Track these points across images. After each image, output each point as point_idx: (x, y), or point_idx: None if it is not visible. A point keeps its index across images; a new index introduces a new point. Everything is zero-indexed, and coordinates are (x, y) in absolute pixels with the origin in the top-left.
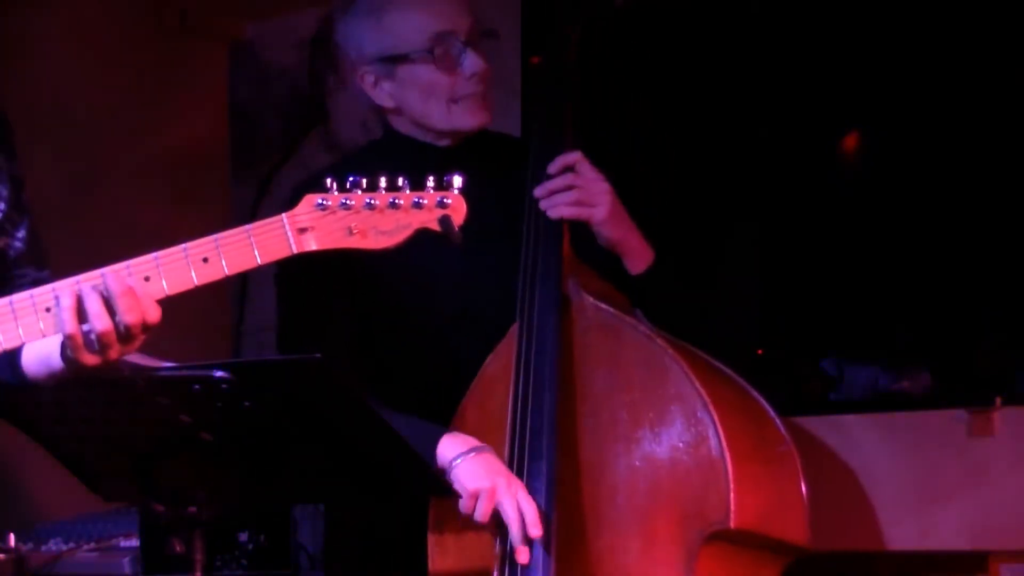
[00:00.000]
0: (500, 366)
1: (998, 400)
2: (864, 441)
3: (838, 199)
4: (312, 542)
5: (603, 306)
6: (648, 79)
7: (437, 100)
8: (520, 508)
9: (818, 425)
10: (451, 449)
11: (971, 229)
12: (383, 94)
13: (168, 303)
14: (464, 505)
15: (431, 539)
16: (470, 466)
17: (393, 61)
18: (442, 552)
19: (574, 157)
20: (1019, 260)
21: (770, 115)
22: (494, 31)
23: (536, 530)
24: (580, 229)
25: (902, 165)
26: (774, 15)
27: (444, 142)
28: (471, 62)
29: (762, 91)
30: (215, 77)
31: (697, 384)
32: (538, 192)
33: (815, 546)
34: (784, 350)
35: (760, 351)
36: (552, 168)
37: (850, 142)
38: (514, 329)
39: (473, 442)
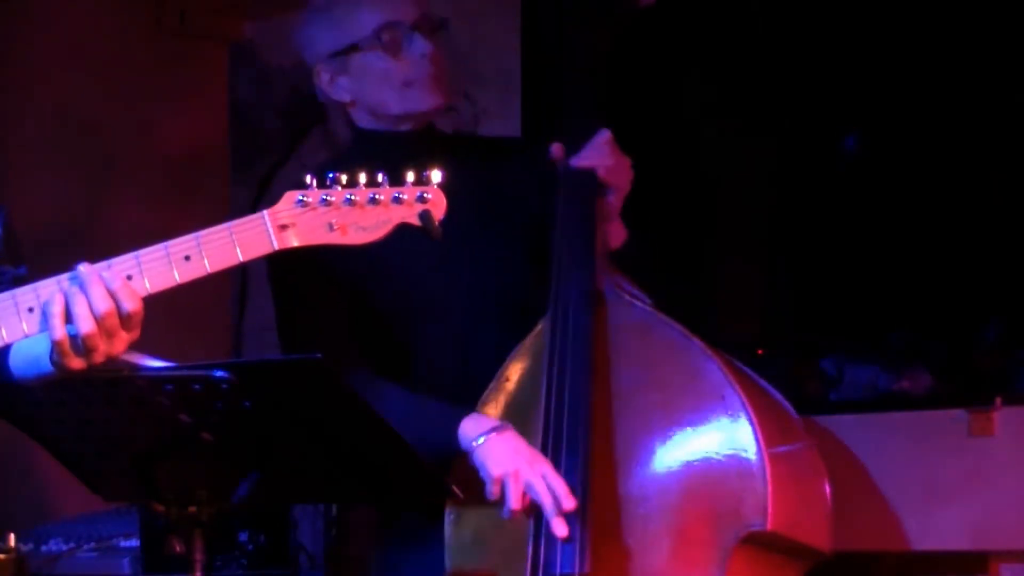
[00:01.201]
0: (527, 364)
1: (998, 400)
2: (864, 441)
3: (839, 199)
4: (312, 542)
5: (637, 303)
6: (656, 76)
7: (390, 86)
8: (549, 484)
9: (818, 425)
10: (472, 429)
11: (972, 229)
12: (340, 89)
13: (169, 303)
14: (490, 491)
15: (449, 539)
16: (492, 448)
17: (345, 53)
18: (461, 551)
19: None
20: (1019, 260)
21: (770, 114)
22: (445, 21)
23: (569, 502)
24: None
25: (903, 165)
26: (782, 12)
27: (405, 126)
28: (418, 45)
29: (765, 88)
30: (215, 77)
31: (735, 384)
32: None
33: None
34: (784, 350)
35: (760, 351)
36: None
37: (850, 142)
38: (539, 327)
39: (493, 421)
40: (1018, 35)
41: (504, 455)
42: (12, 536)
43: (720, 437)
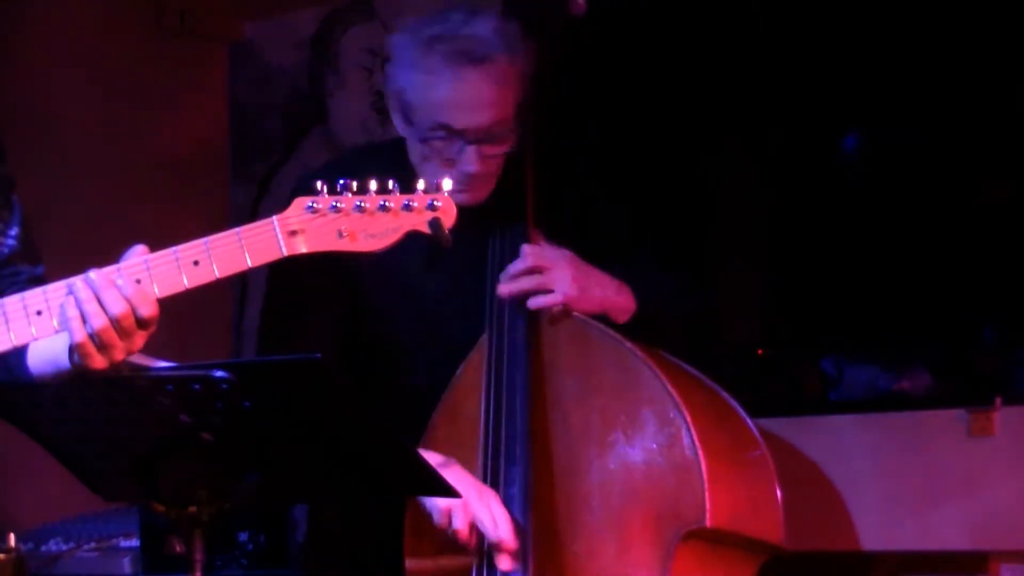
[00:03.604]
0: (471, 376)
1: (998, 400)
2: (864, 441)
3: (838, 199)
4: None
5: (575, 312)
6: (640, 77)
7: (428, 173)
8: (494, 517)
9: (818, 425)
10: None
11: (971, 230)
12: (397, 123)
13: (169, 303)
14: (439, 521)
15: (407, 538)
16: None
17: (404, 115)
18: (418, 550)
19: (526, 257)
20: (1019, 260)
21: (769, 116)
22: (517, 128)
23: (512, 544)
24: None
25: (903, 165)
26: (782, 12)
27: None
28: (467, 161)
29: (763, 88)
30: (215, 77)
31: (668, 386)
32: (501, 291)
33: (815, 546)
34: (784, 350)
35: (760, 351)
36: (502, 291)
37: (850, 143)
38: (483, 339)
39: (439, 458)
40: (1018, 35)
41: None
42: (12, 536)
43: (657, 438)
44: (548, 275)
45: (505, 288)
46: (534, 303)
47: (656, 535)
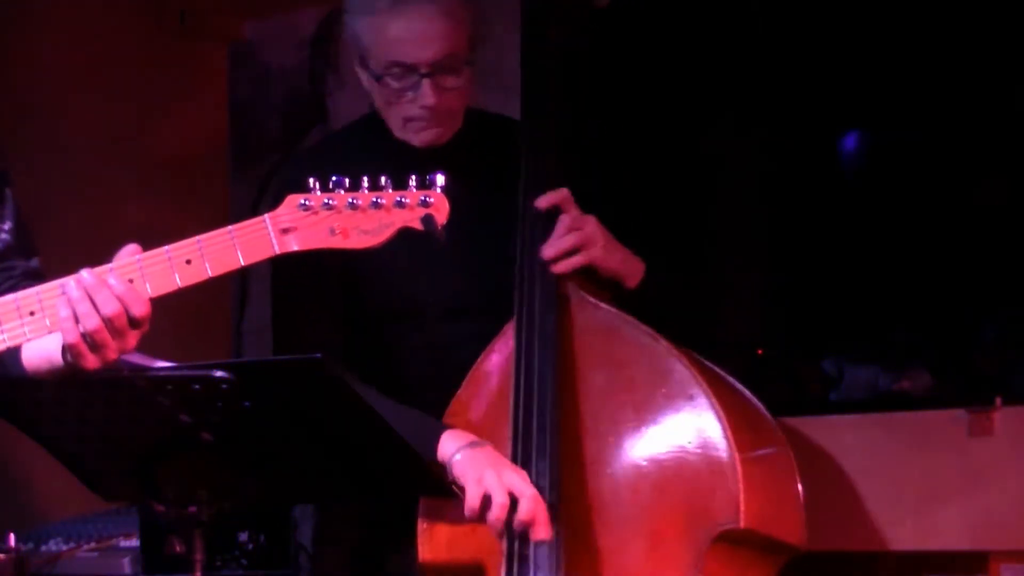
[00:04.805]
0: (495, 363)
1: (998, 400)
2: (864, 441)
3: (838, 199)
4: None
5: (603, 305)
6: (642, 76)
7: (389, 115)
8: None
9: (818, 425)
10: (451, 444)
11: (971, 229)
12: (362, 78)
13: (169, 303)
14: (471, 501)
15: (421, 530)
16: (470, 460)
17: (361, 60)
18: (432, 543)
19: (562, 195)
20: (1019, 260)
21: (769, 114)
22: (471, 60)
23: (545, 533)
24: None
25: (903, 165)
26: (782, 11)
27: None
28: (423, 95)
29: (763, 88)
30: (215, 77)
31: (703, 384)
32: (547, 254)
33: (815, 546)
34: (784, 350)
35: (760, 351)
36: (540, 203)
37: (850, 142)
38: (509, 327)
39: (471, 436)
40: (1018, 35)
41: (484, 467)
42: (12, 536)
43: (690, 436)
44: (582, 232)
45: (551, 253)
46: (575, 262)
47: (687, 534)
